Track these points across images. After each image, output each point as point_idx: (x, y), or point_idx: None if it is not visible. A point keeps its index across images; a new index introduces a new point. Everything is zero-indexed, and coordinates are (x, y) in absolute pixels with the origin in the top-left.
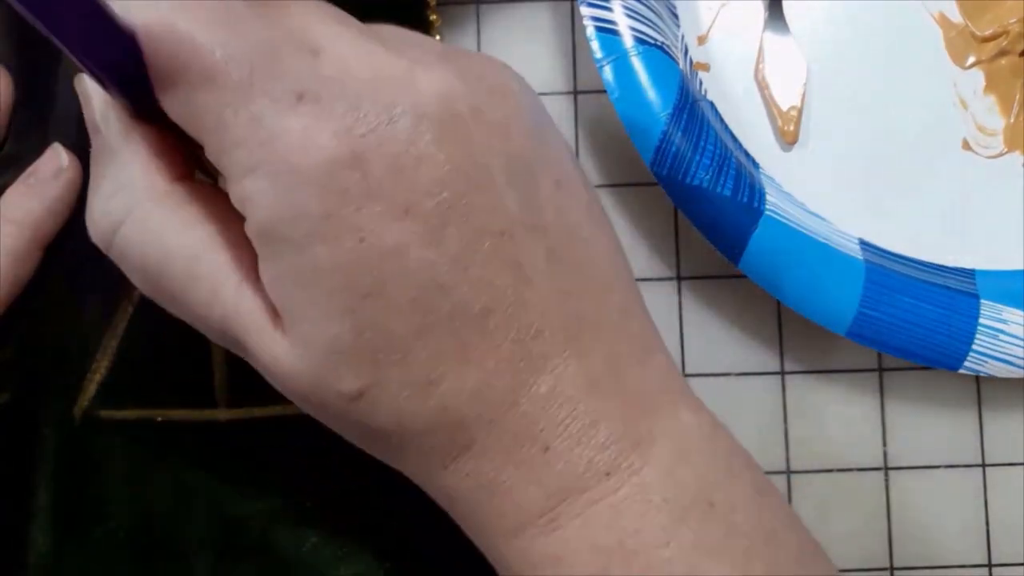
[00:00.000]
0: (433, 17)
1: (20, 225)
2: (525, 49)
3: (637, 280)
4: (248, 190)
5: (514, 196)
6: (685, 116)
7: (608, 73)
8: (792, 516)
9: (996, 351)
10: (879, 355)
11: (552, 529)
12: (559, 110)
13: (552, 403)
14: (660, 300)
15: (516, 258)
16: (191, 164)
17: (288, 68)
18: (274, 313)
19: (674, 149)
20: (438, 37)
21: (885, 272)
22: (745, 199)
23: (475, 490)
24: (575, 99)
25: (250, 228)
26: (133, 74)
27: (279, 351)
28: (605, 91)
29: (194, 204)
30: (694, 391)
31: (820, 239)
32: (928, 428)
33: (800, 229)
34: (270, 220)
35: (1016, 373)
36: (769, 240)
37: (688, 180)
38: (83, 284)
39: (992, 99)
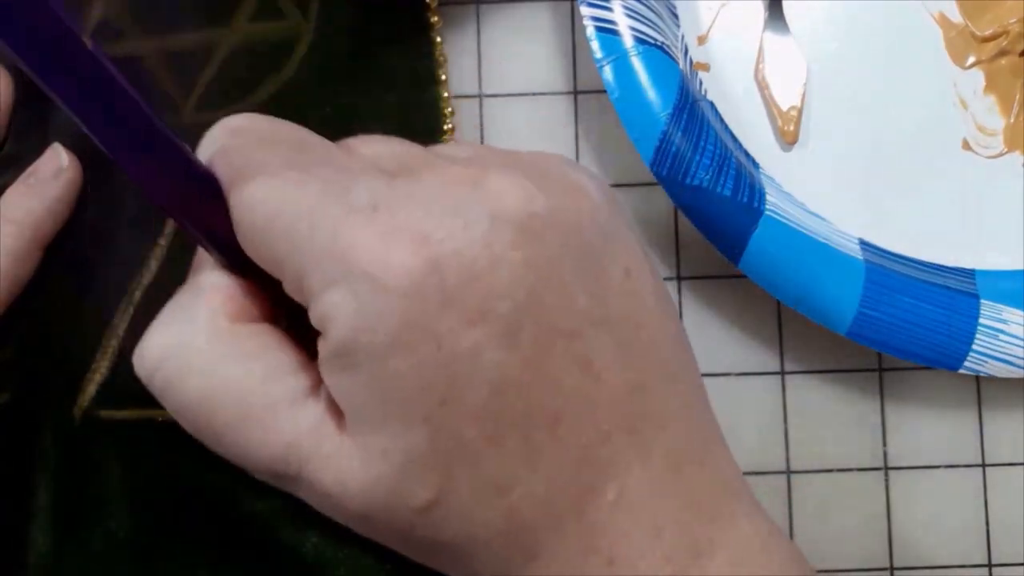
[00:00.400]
0: (435, 19)
1: (20, 225)
2: (525, 49)
3: None
4: (328, 304)
5: (584, 292)
6: (685, 116)
7: (608, 73)
8: None
9: (996, 351)
10: (879, 355)
11: None
12: (559, 111)
13: (617, 511)
14: None
15: (586, 356)
16: (268, 311)
17: (362, 183)
18: (339, 430)
19: (674, 149)
20: (439, 40)
21: (885, 272)
22: (745, 199)
23: None
24: (575, 99)
25: (328, 343)
26: (210, 214)
27: (347, 466)
28: (605, 91)
29: (252, 340)
30: (751, 489)
31: (820, 239)
32: (928, 428)
33: (800, 229)
34: (351, 331)
35: (1016, 373)
36: (769, 240)
37: (688, 180)
38: (83, 284)
39: (992, 99)
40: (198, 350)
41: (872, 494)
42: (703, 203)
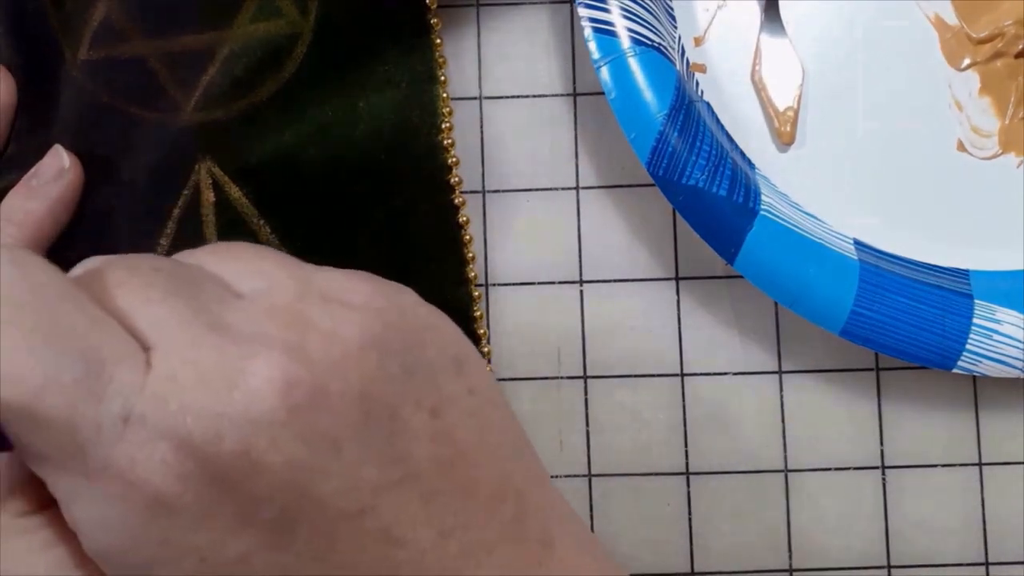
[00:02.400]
0: (434, 21)
1: (21, 226)
2: (524, 51)
3: (636, 280)
4: (76, 518)
5: (371, 462)
6: (681, 117)
7: (605, 74)
8: None
9: (990, 351)
10: (876, 355)
11: None
12: (558, 112)
13: None
14: (659, 300)
15: (380, 527)
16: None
17: (113, 387)
18: None
19: (670, 150)
20: (439, 41)
21: (879, 272)
22: (740, 199)
23: None
24: (574, 101)
25: (86, 551)
26: None
27: None
28: (603, 92)
29: (36, 534)
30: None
31: (815, 239)
32: (925, 427)
33: (795, 229)
34: (102, 548)
35: (1010, 373)
36: (764, 240)
37: (684, 180)
38: None
39: (987, 101)
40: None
41: (869, 493)
42: (699, 203)
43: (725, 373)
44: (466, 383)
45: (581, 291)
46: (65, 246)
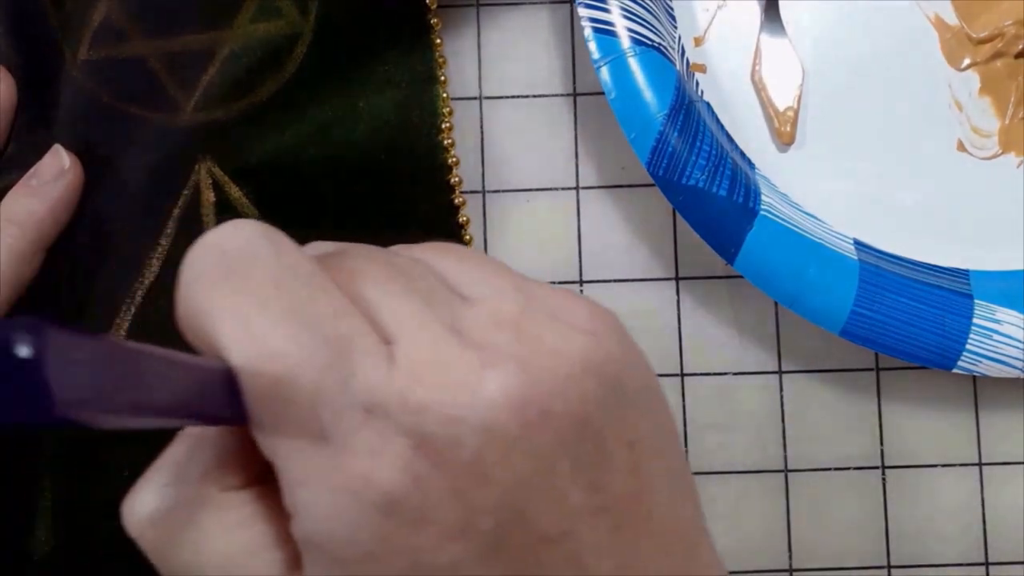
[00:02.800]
0: (434, 21)
1: (22, 226)
2: (524, 51)
3: (636, 280)
4: (300, 501)
5: (578, 486)
6: (681, 117)
7: (605, 74)
8: None
9: (990, 351)
10: (876, 355)
11: None
12: (558, 112)
13: None
14: (659, 300)
15: (576, 553)
16: (254, 465)
17: (359, 375)
18: None
19: (670, 149)
20: (439, 41)
21: (879, 272)
22: (740, 199)
23: None
24: (574, 101)
25: (296, 532)
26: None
27: None
28: (603, 92)
29: (239, 510)
30: None
31: (815, 239)
32: (925, 427)
33: (795, 229)
34: (319, 535)
35: (1010, 373)
36: (764, 240)
37: (684, 180)
38: (85, 285)
39: (987, 101)
40: (186, 522)
41: (869, 493)
42: (699, 203)
43: (725, 373)
44: (656, 418)
45: (581, 291)
46: (65, 246)
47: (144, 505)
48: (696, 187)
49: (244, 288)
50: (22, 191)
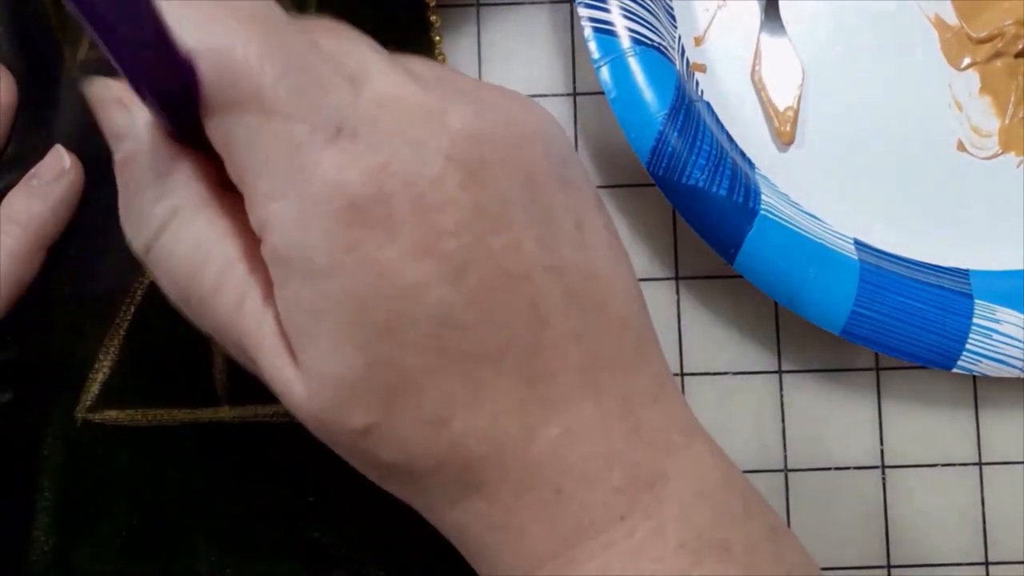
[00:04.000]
0: (433, 18)
1: (23, 226)
2: (524, 51)
3: (639, 280)
4: (272, 214)
5: (533, 239)
6: (681, 116)
7: (605, 73)
8: (807, 557)
9: (990, 350)
10: (876, 354)
11: (566, 572)
12: (558, 112)
13: (564, 446)
14: (659, 300)
15: (533, 300)
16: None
17: (330, 99)
18: (290, 342)
19: (670, 149)
20: (438, 39)
21: (879, 272)
22: (740, 199)
23: (486, 530)
24: (574, 101)
25: (266, 251)
26: (180, 95)
27: (290, 379)
28: (603, 93)
29: (231, 215)
30: (702, 426)
31: (815, 239)
32: (925, 427)
33: (795, 229)
34: (290, 247)
35: (1010, 372)
36: (764, 240)
37: (684, 180)
38: (85, 285)
39: (987, 100)
40: (188, 223)
41: (869, 492)
42: (699, 203)
43: (725, 373)
44: (602, 218)
45: None
46: (65, 245)
47: (140, 220)
48: (696, 187)
49: (222, 11)
50: (22, 191)
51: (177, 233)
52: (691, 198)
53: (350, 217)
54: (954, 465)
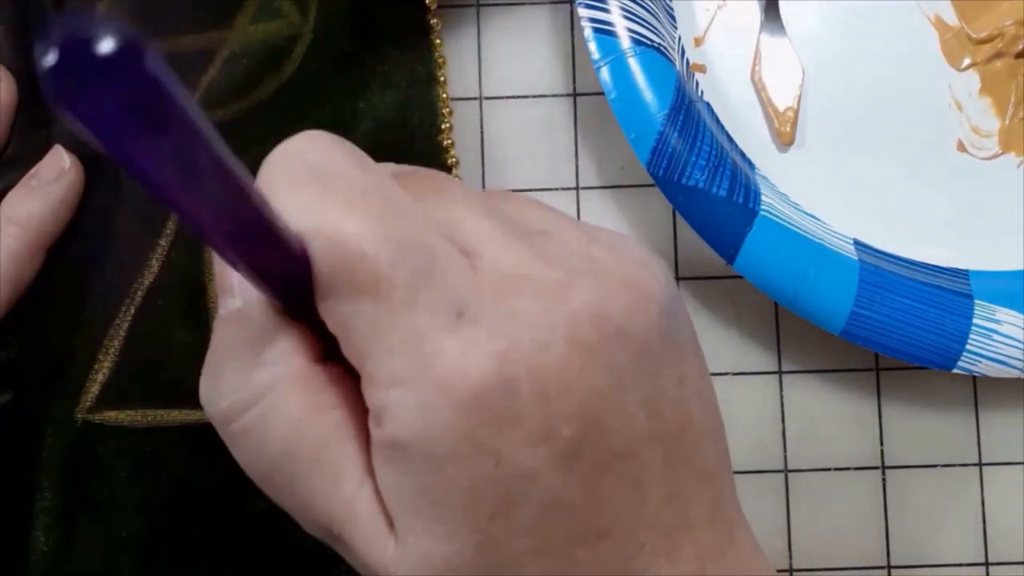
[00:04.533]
0: (434, 21)
1: (23, 226)
2: (525, 51)
3: None
4: (392, 401)
5: (643, 411)
6: (681, 117)
7: (605, 74)
8: None
9: (990, 351)
10: (876, 355)
11: None
12: (558, 112)
13: None
14: None
15: (638, 477)
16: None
17: (448, 280)
18: (390, 521)
19: (670, 150)
20: (438, 42)
21: (879, 272)
22: (740, 200)
23: None
24: (574, 101)
25: (383, 435)
26: (289, 277)
27: (390, 559)
28: (603, 93)
29: (331, 388)
30: (773, 570)
31: (815, 239)
32: (925, 427)
33: (795, 229)
34: (409, 435)
35: (1010, 373)
36: (764, 240)
37: (684, 181)
38: (85, 285)
39: (987, 101)
40: (285, 398)
41: (869, 493)
42: (699, 203)
43: (725, 373)
44: (698, 364)
45: None
46: (65, 246)
47: (233, 389)
48: (696, 187)
49: (329, 195)
50: (22, 191)
51: (273, 406)
52: (691, 198)
53: (472, 407)
54: (954, 465)
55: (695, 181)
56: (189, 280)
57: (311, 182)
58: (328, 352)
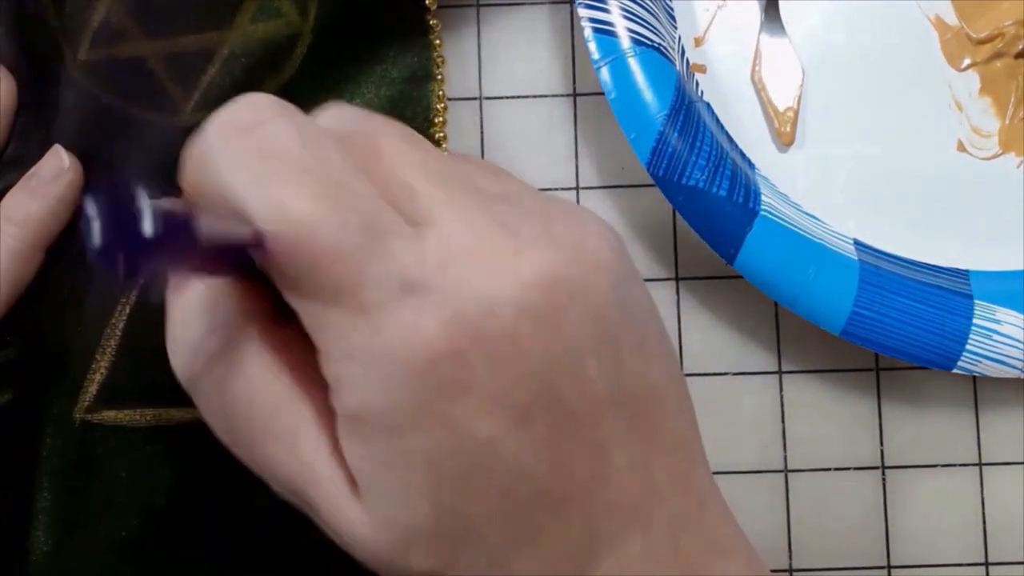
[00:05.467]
0: (433, 22)
1: (21, 226)
2: (524, 52)
3: None
4: (345, 373)
5: (601, 377)
6: (681, 117)
7: (605, 74)
8: None
9: (990, 351)
10: (876, 355)
11: None
12: (558, 113)
13: None
14: (659, 300)
15: (599, 441)
16: (276, 308)
17: (394, 253)
18: (352, 483)
19: (670, 150)
20: (438, 42)
21: (879, 272)
22: (740, 199)
23: None
24: (574, 101)
25: (339, 406)
26: (245, 255)
27: (355, 521)
28: (603, 93)
29: (285, 351)
30: (746, 539)
31: (815, 239)
32: (925, 427)
33: (795, 229)
34: (364, 405)
35: (1010, 373)
36: (764, 240)
37: (684, 180)
38: (84, 285)
39: (987, 101)
40: (241, 359)
41: (869, 493)
42: (699, 203)
43: (725, 373)
44: (656, 331)
45: None
46: (65, 245)
47: (193, 352)
48: (696, 187)
49: (273, 174)
50: (21, 191)
51: (230, 368)
52: (691, 198)
53: (423, 375)
54: (954, 466)
55: (695, 181)
56: None
57: (253, 160)
58: (284, 313)
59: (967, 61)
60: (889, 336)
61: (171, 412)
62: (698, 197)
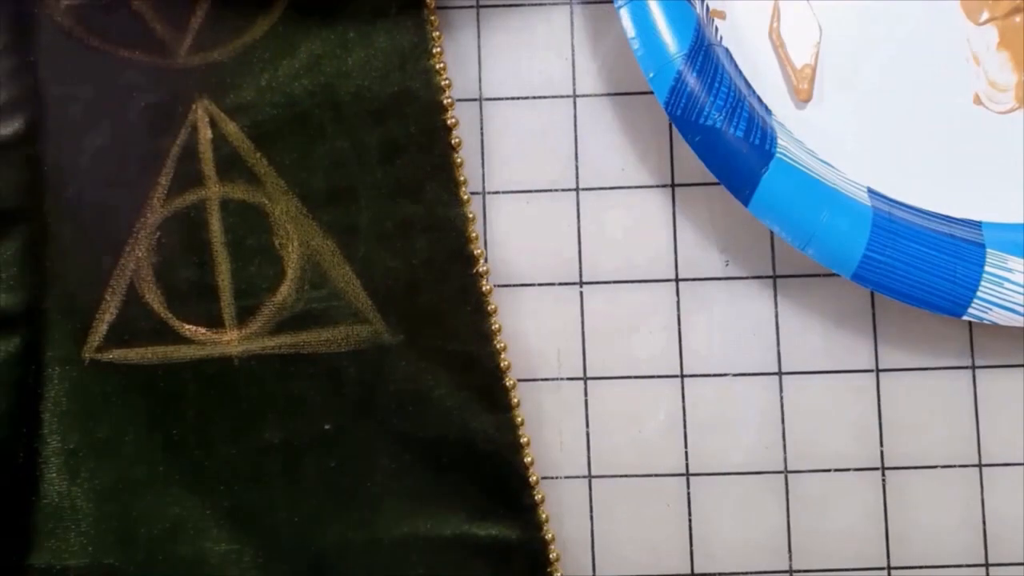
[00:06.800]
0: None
1: None
2: (524, 52)
3: (636, 281)
4: None
5: None
6: (700, 58)
7: (625, 15)
8: None
9: (1000, 298)
10: (876, 355)
11: None
12: (558, 112)
13: None
14: (659, 301)
15: None
16: None
17: None
18: None
19: (688, 89)
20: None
21: (892, 219)
22: (757, 141)
23: None
24: (574, 102)
25: None
26: None
27: None
28: (603, 94)
29: None
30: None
31: (829, 184)
32: (925, 428)
33: (810, 173)
34: None
35: (1019, 321)
36: (779, 182)
37: (702, 120)
38: (89, 227)
39: (1005, 55)
40: None
41: (869, 494)
42: (715, 143)
43: (725, 373)
44: None
45: (581, 292)
46: (63, 184)
47: None
48: (713, 127)
49: None
50: None
51: None
52: (708, 138)
53: None
54: (954, 466)
55: (712, 121)
56: (190, 216)
57: None
58: None
59: (986, 15)
60: (900, 281)
61: (182, 348)
62: (715, 137)
